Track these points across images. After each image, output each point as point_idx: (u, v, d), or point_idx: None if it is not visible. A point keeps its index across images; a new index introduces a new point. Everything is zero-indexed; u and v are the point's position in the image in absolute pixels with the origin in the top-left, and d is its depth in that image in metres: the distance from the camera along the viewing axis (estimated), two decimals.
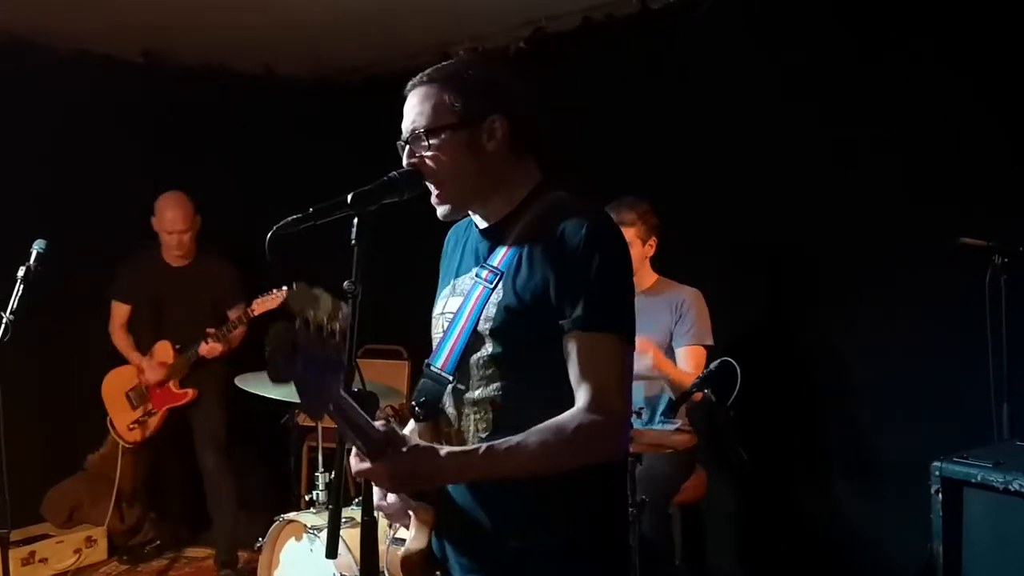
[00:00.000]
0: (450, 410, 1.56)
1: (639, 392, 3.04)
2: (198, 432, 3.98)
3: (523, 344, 1.48)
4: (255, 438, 4.28)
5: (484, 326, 1.50)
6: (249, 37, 4.25)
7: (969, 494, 2.27)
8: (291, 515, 3.03)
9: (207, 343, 3.83)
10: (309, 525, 2.88)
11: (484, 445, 1.40)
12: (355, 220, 1.46)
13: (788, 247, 3.45)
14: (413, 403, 1.60)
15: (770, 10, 3.36)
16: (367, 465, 1.35)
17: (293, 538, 2.99)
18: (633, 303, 1.51)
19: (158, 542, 4.30)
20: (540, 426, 1.40)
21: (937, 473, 2.32)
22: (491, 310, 1.50)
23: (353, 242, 1.46)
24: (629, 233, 3.06)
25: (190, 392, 3.93)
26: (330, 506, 1.47)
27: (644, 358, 2.87)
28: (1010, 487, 2.16)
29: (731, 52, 3.48)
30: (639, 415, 2.83)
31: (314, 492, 3.17)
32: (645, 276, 3.21)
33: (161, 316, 3.99)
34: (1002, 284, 2.55)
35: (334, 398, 1.25)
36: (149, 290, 4.00)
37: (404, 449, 1.35)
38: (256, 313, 3.78)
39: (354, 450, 1.38)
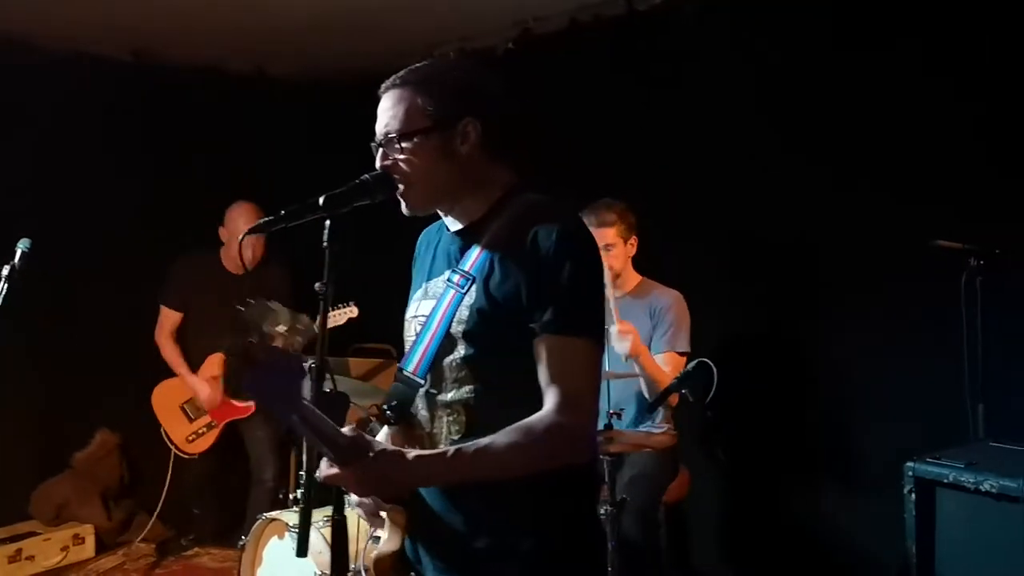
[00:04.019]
0: (423, 413, 1.57)
1: (620, 391, 3.03)
2: (252, 442, 3.93)
3: (495, 347, 1.49)
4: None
5: (456, 328, 1.51)
6: (240, 37, 4.27)
7: (941, 494, 2.29)
8: (273, 513, 3.05)
9: None
10: (291, 523, 2.89)
11: (452, 448, 1.41)
12: (327, 222, 1.48)
13: (770, 250, 3.46)
14: (384, 407, 1.60)
15: (756, 11, 3.37)
16: (335, 471, 1.37)
17: (276, 536, 3.01)
18: (603, 306, 1.52)
19: (192, 536, 4.29)
20: (509, 428, 1.40)
21: (910, 473, 2.34)
22: (463, 313, 1.50)
23: (325, 244, 1.48)
24: (610, 234, 3.06)
25: (252, 405, 3.78)
26: (301, 505, 1.48)
27: (624, 341, 2.85)
28: (981, 487, 2.18)
29: (718, 53, 3.50)
30: (619, 415, 2.82)
31: (297, 491, 3.19)
32: (629, 278, 3.19)
33: (215, 322, 3.78)
34: (977, 286, 2.58)
35: (297, 408, 1.27)
36: (205, 296, 3.86)
37: (371, 454, 1.36)
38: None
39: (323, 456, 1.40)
